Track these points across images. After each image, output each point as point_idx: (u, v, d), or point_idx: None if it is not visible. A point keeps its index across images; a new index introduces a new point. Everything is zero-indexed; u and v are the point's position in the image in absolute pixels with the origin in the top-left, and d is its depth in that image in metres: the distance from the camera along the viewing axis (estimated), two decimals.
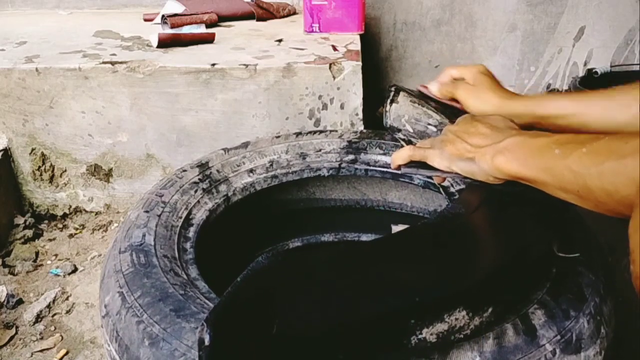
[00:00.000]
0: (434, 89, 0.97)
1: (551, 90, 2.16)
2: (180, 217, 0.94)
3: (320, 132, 1.19)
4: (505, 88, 0.93)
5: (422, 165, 0.83)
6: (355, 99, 1.48)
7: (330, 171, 1.13)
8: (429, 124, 1.00)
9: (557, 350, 0.67)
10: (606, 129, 0.79)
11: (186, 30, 1.74)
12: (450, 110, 1.03)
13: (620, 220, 0.57)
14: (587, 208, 0.61)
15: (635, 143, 0.54)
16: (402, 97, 1.02)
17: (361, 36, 1.72)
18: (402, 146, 0.96)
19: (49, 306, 1.29)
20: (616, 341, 0.77)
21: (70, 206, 1.63)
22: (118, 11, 2.12)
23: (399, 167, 0.85)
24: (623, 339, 0.85)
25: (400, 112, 1.05)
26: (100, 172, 1.59)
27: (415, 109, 1.01)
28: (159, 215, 0.92)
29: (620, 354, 0.82)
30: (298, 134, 1.18)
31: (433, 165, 0.81)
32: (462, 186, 0.97)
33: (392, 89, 1.03)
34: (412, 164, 0.84)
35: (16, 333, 1.23)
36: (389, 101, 1.02)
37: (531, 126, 0.86)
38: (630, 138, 0.55)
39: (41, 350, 1.18)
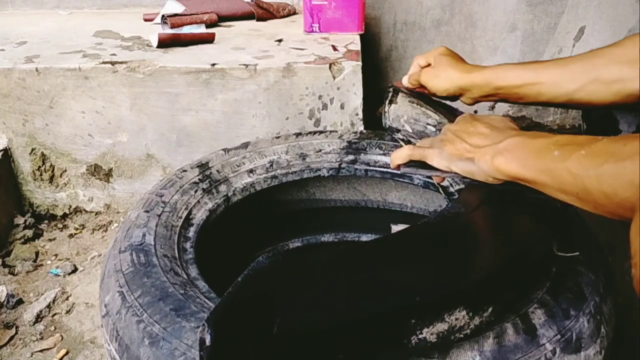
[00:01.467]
0: (404, 81, 1.02)
1: None
2: (180, 217, 0.94)
3: (320, 132, 1.19)
4: (466, 62, 0.96)
5: (422, 165, 0.83)
6: (355, 99, 1.48)
7: (330, 171, 1.13)
8: (428, 124, 1.00)
9: (557, 350, 0.67)
10: (558, 97, 0.85)
11: (186, 30, 1.74)
12: (449, 110, 1.04)
13: (620, 220, 0.57)
14: (587, 210, 0.61)
15: (634, 145, 0.54)
16: (400, 98, 1.02)
17: (361, 36, 1.72)
18: (402, 146, 0.96)
19: (49, 306, 1.29)
20: (616, 340, 0.77)
21: (70, 206, 1.63)
22: (118, 11, 2.12)
23: (398, 167, 0.85)
24: (623, 339, 0.85)
25: (399, 112, 1.05)
26: (100, 172, 1.59)
27: (414, 109, 1.01)
28: (159, 215, 0.93)
29: (620, 354, 0.82)
30: (298, 135, 1.18)
31: (432, 165, 0.81)
32: (462, 186, 0.97)
33: (391, 89, 1.04)
34: (412, 163, 0.84)
35: (16, 333, 1.23)
36: (387, 102, 1.03)
37: (491, 96, 0.91)
38: (629, 140, 0.55)
39: (41, 350, 1.18)
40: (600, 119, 1.64)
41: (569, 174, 0.60)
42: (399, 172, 0.87)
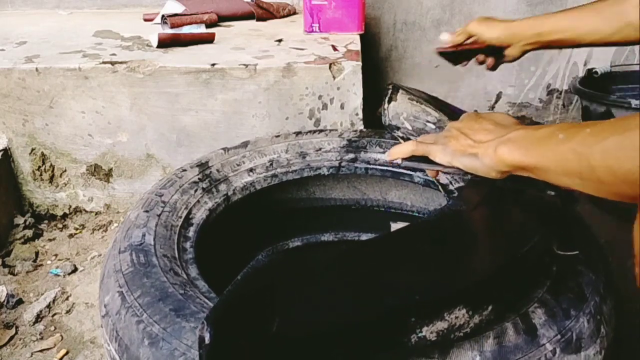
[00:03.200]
0: (447, 38, 1.14)
1: (551, 91, 2.16)
2: (180, 217, 0.94)
3: (320, 131, 1.18)
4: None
5: (423, 159, 0.82)
6: (355, 99, 1.48)
7: (330, 170, 1.13)
8: (428, 121, 1.00)
9: (557, 350, 0.67)
10: (597, 40, 0.99)
11: (186, 30, 1.74)
12: (449, 108, 1.04)
13: (620, 219, 0.56)
14: (589, 192, 0.60)
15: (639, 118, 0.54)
16: (400, 95, 1.02)
17: (361, 36, 1.72)
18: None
19: (49, 306, 1.29)
20: (616, 341, 0.77)
21: (70, 206, 1.63)
22: (118, 11, 2.12)
23: (397, 161, 0.84)
24: (623, 339, 0.85)
25: (398, 110, 1.05)
26: (100, 172, 1.59)
27: (414, 107, 1.01)
28: (159, 215, 0.92)
29: (620, 354, 0.81)
30: (298, 133, 1.18)
31: (435, 161, 0.80)
32: (462, 184, 0.97)
33: (390, 87, 1.03)
34: (413, 158, 0.83)
35: (16, 333, 1.22)
36: (387, 99, 1.02)
37: (535, 43, 1.05)
38: (635, 116, 0.55)
39: (41, 350, 1.18)
40: (599, 118, 1.64)
41: (574, 153, 0.59)
42: (398, 165, 0.85)
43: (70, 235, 1.56)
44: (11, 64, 1.50)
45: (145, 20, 1.94)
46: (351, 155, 1.13)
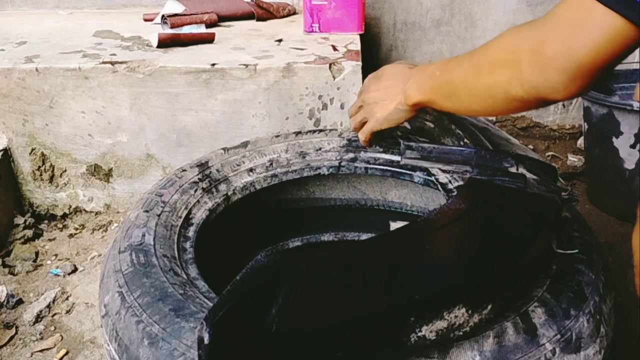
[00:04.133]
0: None
1: None
2: (180, 217, 0.94)
3: (320, 131, 1.18)
4: None
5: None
6: (355, 99, 1.48)
7: (330, 170, 1.12)
8: (426, 120, 1.00)
9: (557, 350, 0.67)
10: None
11: (186, 30, 1.74)
12: None
13: (620, 219, 0.57)
14: (460, 111, 0.82)
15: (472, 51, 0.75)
16: None
17: (361, 36, 1.72)
18: (400, 144, 0.98)
19: (49, 306, 1.29)
20: (615, 340, 0.77)
21: (70, 206, 1.63)
22: (118, 11, 2.12)
23: (368, 143, 1.05)
24: (622, 339, 0.85)
25: None
26: (100, 172, 1.59)
27: None
28: (159, 215, 0.92)
29: (619, 353, 0.81)
30: (298, 133, 1.18)
31: (377, 129, 0.98)
32: (461, 183, 0.96)
33: None
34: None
35: (16, 333, 1.23)
36: None
37: None
38: (471, 52, 0.75)
39: (41, 350, 1.18)
40: (601, 120, 1.64)
41: (445, 82, 0.79)
42: (401, 163, 0.97)
43: (70, 235, 1.56)
44: (11, 64, 1.50)
45: (145, 20, 1.94)
46: (351, 155, 1.13)
